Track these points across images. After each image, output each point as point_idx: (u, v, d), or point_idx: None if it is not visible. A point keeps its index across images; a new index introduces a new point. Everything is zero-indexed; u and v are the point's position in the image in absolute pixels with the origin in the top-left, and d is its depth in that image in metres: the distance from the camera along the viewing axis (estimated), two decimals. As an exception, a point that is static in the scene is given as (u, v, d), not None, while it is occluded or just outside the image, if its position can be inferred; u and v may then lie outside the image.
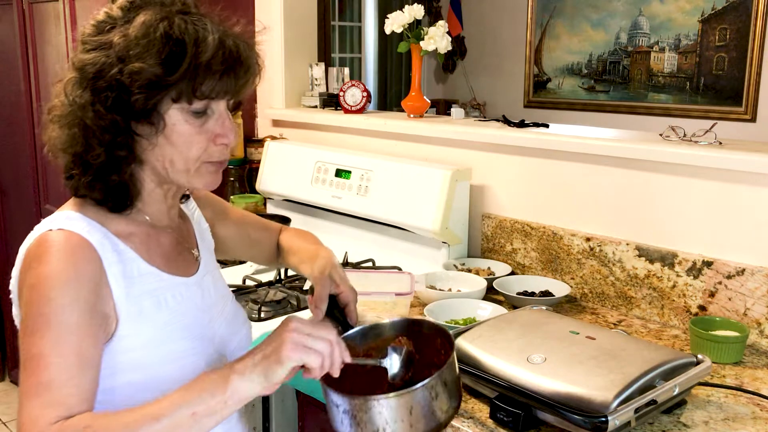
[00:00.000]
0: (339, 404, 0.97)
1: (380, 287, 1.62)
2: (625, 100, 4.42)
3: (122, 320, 0.99)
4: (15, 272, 1.01)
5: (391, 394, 0.95)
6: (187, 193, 1.24)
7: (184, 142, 1.01)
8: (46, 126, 1.04)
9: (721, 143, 1.62)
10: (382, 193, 2.05)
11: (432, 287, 1.77)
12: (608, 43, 4.43)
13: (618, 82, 4.43)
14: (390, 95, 5.40)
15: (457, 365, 1.03)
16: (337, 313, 1.18)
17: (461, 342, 1.25)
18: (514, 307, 1.64)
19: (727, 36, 3.88)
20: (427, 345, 1.10)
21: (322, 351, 0.92)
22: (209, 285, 1.17)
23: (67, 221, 1.00)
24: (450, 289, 1.78)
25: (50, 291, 0.93)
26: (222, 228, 1.33)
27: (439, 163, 2.03)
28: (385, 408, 0.94)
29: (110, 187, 1.03)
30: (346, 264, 1.98)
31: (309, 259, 1.28)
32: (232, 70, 1.00)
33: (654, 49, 4.22)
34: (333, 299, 1.19)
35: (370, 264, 1.97)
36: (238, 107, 1.13)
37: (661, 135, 1.74)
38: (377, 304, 1.57)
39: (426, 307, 1.59)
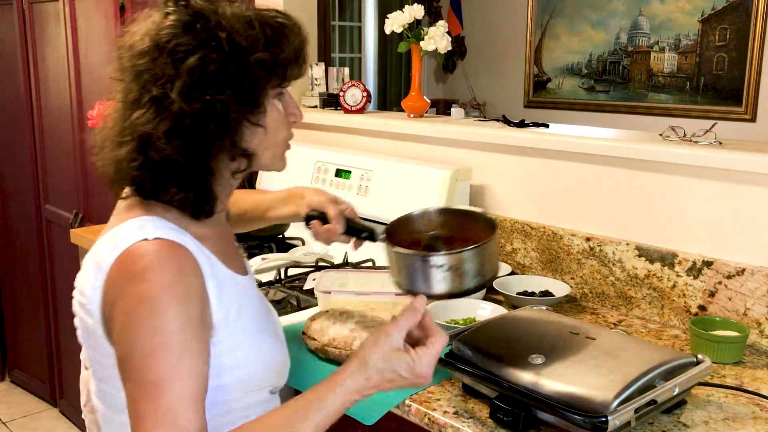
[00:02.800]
0: (442, 264, 1.13)
1: (380, 287, 1.62)
2: (625, 100, 4.42)
3: (217, 326, 0.97)
4: (98, 283, 0.94)
5: (474, 246, 1.14)
6: None
7: (276, 126, 1.04)
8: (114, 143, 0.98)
9: (721, 143, 1.62)
10: (382, 193, 2.05)
11: (432, 287, 1.77)
12: (608, 43, 4.44)
13: (618, 82, 4.44)
14: (390, 95, 5.40)
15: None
16: (356, 225, 1.31)
17: (461, 342, 1.25)
18: (514, 307, 1.64)
19: (727, 36, 3.89)
20: (471, 228, 1.26)
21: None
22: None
23: (159, 230, 0.94)
24: (450, 289, 1.78)
25: (164, 310, 0.88)
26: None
27: (439, 163, 2.03)
28: (473, 258, 1.14)
29: (198, 192, 0.99)
30: (346, 264, 1.98)
31: (298, 197, 1.37)
32: (304, 54, 1.04)
33: (654, 49, 4.22)
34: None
35: (370, 264, 1.97)
36: None
37: (661, 135, 1.74)
38: (377, 304, 1.57)
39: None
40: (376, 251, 2.08)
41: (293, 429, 0.89)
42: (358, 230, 1.31)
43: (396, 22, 2.17)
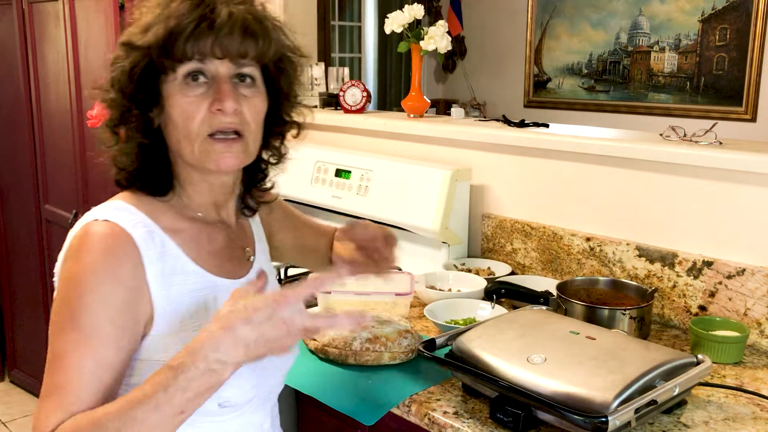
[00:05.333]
0: (635, 316, 1.45)
1: (380, 287, 1.62)
2: (625, 100, 4.42)
3: (157, 318, 0.96)
4: (59, 258, 0.98)
5: (651, 302, 1.53)
6: (261, 201, 1.24)
7: (181, 114, 0.97)
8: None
9: (721, 143, 1.62)
10: (382, 193, 2.04)
11: (432, 287, 1.77)
12: (608, 43, 4.43)
13: (618, 82, 4.43)
14: (390, 95, 5.40)
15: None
16: (530, 291, 1.58)
17: (461, 342, 1.25)
18: (514, 307, 1.63)
19: (727, 36, 3.88)
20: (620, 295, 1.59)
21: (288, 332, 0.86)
22: None
23: (115, 212, 0.97)
24: (450, 289, 1.78)
25: (83, 290, 0.91)
26: (281, 234, 1.33)
27: (439, 163, 2.03)
28: (650, 311, 1.54)
29: (142, 172, 1.01)
30: (346, 264, 1.98)
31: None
32: (211, 29, 0.94)
33: (654, 49, 4.22)
34: None
35: (370, 264, 1.97)
36: (276, 77, 1.09)
37: (661, 135, 1.74)
38: (377, 304, 1.57)
39: (426, 307, 1.59)
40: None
41: (167, 393, 0.83)
42: (535, 297, 1.54)
43: (396, 21, 2.17)
